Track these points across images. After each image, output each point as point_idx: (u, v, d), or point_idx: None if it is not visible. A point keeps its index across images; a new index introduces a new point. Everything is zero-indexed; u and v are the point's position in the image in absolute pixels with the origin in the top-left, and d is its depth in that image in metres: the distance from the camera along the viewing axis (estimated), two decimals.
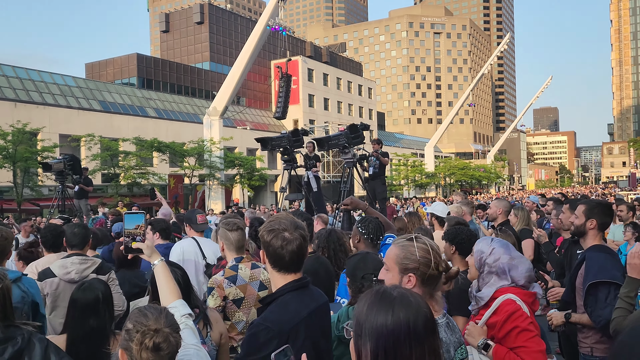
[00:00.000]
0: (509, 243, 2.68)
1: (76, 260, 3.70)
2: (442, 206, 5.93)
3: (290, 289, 2.04)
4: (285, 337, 1.92)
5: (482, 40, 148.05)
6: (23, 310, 3.18)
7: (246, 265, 3.33)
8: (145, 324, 1.79)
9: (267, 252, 2.07)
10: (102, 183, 32.82)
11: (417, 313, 1.38)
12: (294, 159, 11.32)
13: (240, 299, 3.20)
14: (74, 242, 3.96)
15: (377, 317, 1.38)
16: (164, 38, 65.19)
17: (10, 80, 34.92)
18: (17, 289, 3.20)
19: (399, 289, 1.45)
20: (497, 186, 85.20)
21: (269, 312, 2.01)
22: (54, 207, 12.90)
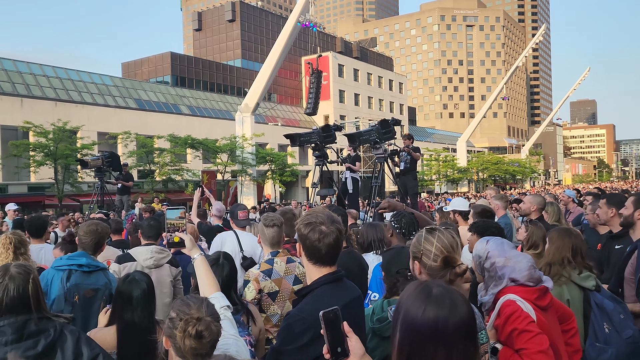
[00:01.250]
0: (504, 241, 2.59)
1: (156, 249, 4.09)
2: (462, 201, 5.90)
3: (325, 282, 2.09)
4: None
5: (516, 32, 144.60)
6: (104, 293, 3.55)
7: (282, 259, 3.41)
8: (187, 313, 1.88)
9: (304, 245, 2.12)
10: (138, 179, 33.64)
11: (450, 315, 1.36)
12: (325, 155, 11.36)
13: (275, 292, 3.29)
14: (149, 234, 4.35)
15: (410, 309, 1.39)
16: (197, 36, 66.17)
17: (51, 80, 36.11)
18: (104, 276, 3.63)
19: (441, 286, 1.44)
20: (532, 181, 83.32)
21: (304, 303, 2.07)
22: (93, 203, 13.33)
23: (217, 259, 2.90)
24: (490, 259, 2.52)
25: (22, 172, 29.64)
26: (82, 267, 3.53)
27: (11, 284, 2.28)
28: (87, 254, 3.66)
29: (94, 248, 3.76)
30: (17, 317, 2.25)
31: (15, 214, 9.91)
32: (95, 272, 3.61)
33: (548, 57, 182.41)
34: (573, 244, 3.34)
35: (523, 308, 2.37)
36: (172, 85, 48.85)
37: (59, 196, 27.96)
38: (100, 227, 3.82)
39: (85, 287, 3.50)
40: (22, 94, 33.09)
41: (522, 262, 2.50)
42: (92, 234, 3.73)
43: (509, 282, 2.48)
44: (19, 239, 3.81)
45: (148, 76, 51.89)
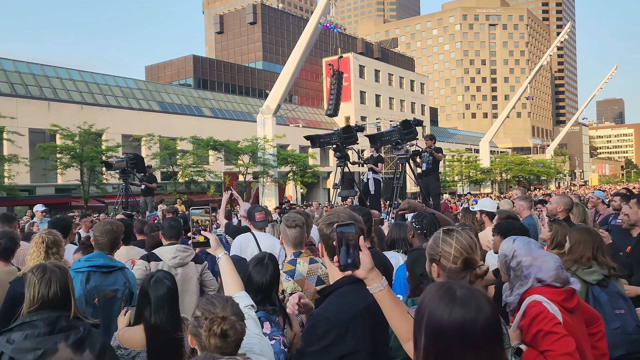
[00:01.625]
0: (531, 241, 2.55)
1: (181, 247, 4.18)
2: (489, 202, 5.88)
3: (348, 281, 2.06)
4: (345, 327, 1.95)
5: (540, 31, 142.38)
6: (124, 293, 3.59)
7: (304, 260, 3.41)
8: (212, 312, 1.90)
9: (327, 245, 2.11)
10: (162, 181, 34.10)
11: (477, 317, 1.34)
12: (346, 156, 11.34)
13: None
14: (171, 234, 4.40)
15: (435, 312, 1.37)
16: (219, 39, 66.82)
17: (77, 84, 36.87)
18: (122, 276, 3.66)
19: (465, 288, 1.42)
20: (557, 182, 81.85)
21: (327, 303, 2.06)
22: (118, 204, 13.54)
23: (262, 259, 2.91)
24: (517, 258, 2.48)
25: (49, 174, 30.31)
26: (101, 267, 3.56)
27: (53, 280, 2.45)
28: (105, 254, 3.69)
29: (110, 247, 3.79)
30: (51, 313, 2.40)
31: (43, 214, 10.13)
32: (114, 272, 3.64)
33: (573, 56, 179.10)
34: (594, 241, 3.45)
35: (549, 309, 2.32)
36: (194, 87, 49.41)
37: (85, 197, 28.50)
38: (115, 226, 3.85)
39: (105, 288, 3.52)
40: (50, 98, 33.85)
41: (549, 262, 2.45)
42: (108, 234, 3.76)
43: (535, 282, 2.43)
44: (52, 239, 3.80)
45: (171, 79, 52.58)
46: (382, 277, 1.90)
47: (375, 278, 1.88)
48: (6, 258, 3.97)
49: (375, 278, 1.88)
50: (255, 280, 2.81)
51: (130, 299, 3.66)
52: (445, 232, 2.19)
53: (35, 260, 3.66)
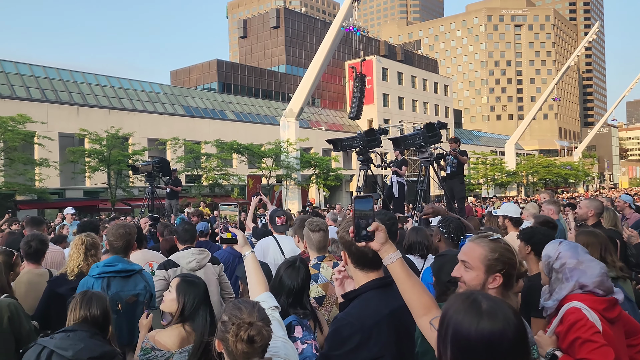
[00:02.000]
0: (578, 245, 2.51)
1: (195, 251, 4.17)
2: (513, 207, 5.77)
3: (372, 287, 2.07)
4: (368, 332, 1.95)
5: (567, 31, 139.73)
6: (145, 297, 3.62)
7: (328, 264, 3.41)
8: (240, 317, 1.91)
9: (350, 251, 2.10)
10: (186, 184, 34.52)
11: (504, 330, 1.31)
12: (369, 159, 11.32)
13: (322, 297, 3.28)
14: (185, 238, 4.41)
15: (461, 325, 1.34)
16: (242, 43, 67.43)
17: (105, 89, 37.64)
18: (141, 279, 3.67)
19: (491, 299, 1.39)
20: (586, 185, 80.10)
21: (351, 307, 2.06)
22: (144, 207, 13.75)
23: (293, 262, 2.91)
24: (561, 259, 2.44)
25: (78, 178, 30.97)
26: (120, 272, 3.57)
27: (90, 304, 2.67)
28: (122, 259, 3.69)
29: (125, 250, 3.79)
30: (91, 329, 2.64)
31: (73, 217, 10.34)
32: (132, 275, 3.64)
33: (602, 56, 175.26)
34: (601, 243, 3.38)
35: (589, 317, 2.26)
36: (218, 91, 49.93)
37: (112, 200, 29.03)
38: (128, 229, 3.86)
39: (127, 293, 3.54)
40: (78, 103, 34.63)
41: (595, 268, 2.39)
42: (123, 237, 3.75)
43: (576, 287, 2.38)
44: (91, 242, 3.92)
45: (195, 83, 53.25)
46: (396, 250, 1.91)
47: (389, 249, 1.89)
48: (37, 260, 4.06)
49: (388, 249, 1.89)
50: (287, 283, 2.81)
51: (150, 301, 3.69)
52: (498, 240, 2.09)
53: (75, 262, 3.79)
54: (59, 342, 2.50)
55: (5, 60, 34.08)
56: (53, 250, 4.82)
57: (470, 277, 2.02)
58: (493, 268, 1.99)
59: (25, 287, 3.90)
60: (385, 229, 1.90)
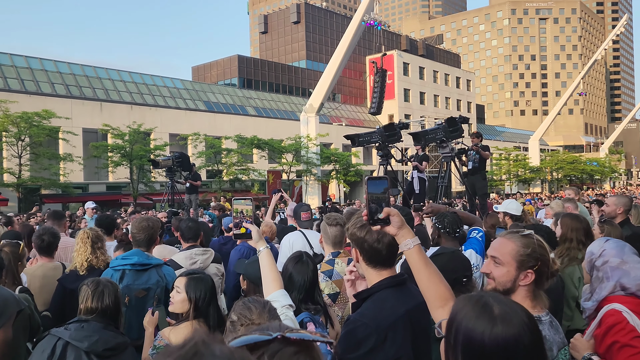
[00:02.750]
0: (626, 245, 2.38)
1: (199, 251, 4.06)
2: (514, 204, 5.68)
3: (387, 285, 1.97)
4: (384, 334, 1.86)
5: (594, 24, 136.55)
6: (156, 292, 3.57)
7: (343, 260, 3.34)
8: (249, 318, 1.87)
9: (362, 248, 2.00)
10: (207, 179, 34.77)
11: (520, 335, 1.24)
12: (388, 154, 11.16)
13: (336, 293, 3.22)
14: (189, 236, 4.26)
15: (474, 331, 1.26)
16: (263, 39, 67.56)
17: (128, 85, 38.10)
18: (156, 274, 3.62)
19: (503, 302, 1.31)
20: (612, 181, 78.35)
21: (365, 308, 1.96)
22: (164, 202, 13.83)
23: (300, 257, 2.84)
24: (604, 257, 2.32)
25: (101, 172, 31.45)
26: (135, 266, 3.54)
27: (106, 293, 2.71)
28: (141, 252, 3.66)
29: (147, 244, 3.75)
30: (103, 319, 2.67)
31: (94, 211, 10.45)
32: (148, 270, 3.60)
33: (630, 50, 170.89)
34: (584, 228, 3.72)
35: (629, 320, 2.13)
36: (239, 87, 50.15)
37: (134, 195, 29.41)
38: (151, 222, 3.82)
39: (136, 287, 3.50)
40: (102, 99, 35.12)
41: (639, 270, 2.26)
42: (145, 230, 3.72)
43: (617, 288, 2.25)
44: (95, 234, 3.92)
45: (216, 79, 53.57)
46: (413, 235, 1.82)
47: (406, 235, 1.80)
48: (50, 254, 4.07)
49: (406, 235, 1.80)
50: (297, 279, 2.75)
51: (167, 295, 3.60)
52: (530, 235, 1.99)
53: (83, 256, 3.78)
54: (74, 334, 2.52)
55: (31, 56, 34.73)
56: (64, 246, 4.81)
57: (500, 273, 1.92)
58: (525, 264, 1.90)
59: (40, 281, 3.91)
60: (399, 213, 1.81)
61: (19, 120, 24.84)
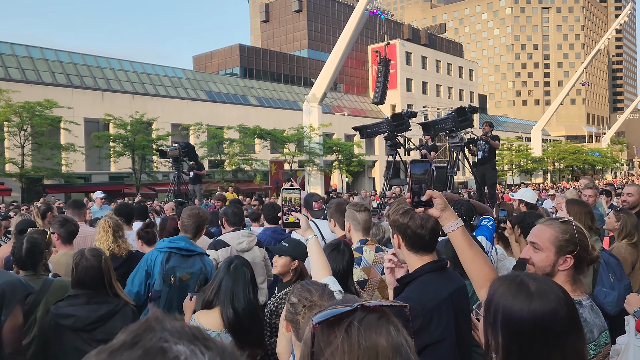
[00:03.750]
0: None
1: (245, 233, 4.38)
2: (530, 192, 5.74)
3: (429, 270, 2.01)
4: (429, 315, 1.89)
5: (597, 13, 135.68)
6: (198, 278, 3.71)
7: (371, 248, 3.37)
8: (310, 300, 1.92)
9: (405, 234, 2.03)
10: (209, 169, 34.73)
11: (557, 309, 1.28)
12: (397, 144, 11.11)
13: (364, 280, 3.25)
14: (234, 221, 4.56)
15: (512, 308, 1.30)
16: (264, 28, 67.15)
17: (129, 75, 37.92)
18: (199, 261, 3.78)
19: (537, 280, 1.36)
20: (614, 172, 78.29)
21: (409, 291, 1.99)
22: (170, 192, 13.80)
23: (337, 245, 2.90)
24: None
25: (103, 162, 31.41)
26: (181, 250, 3.68)
27: (86, 263, 2.85)
28: (187, 238, 3.81)
29: (195, 232, 3.90)
30: (90, 290, 2.87)
31: (103, 201, 10.42)
32: (192, 256, 3.74)
33: (633, 39, 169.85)
34: (589, 212, 3.85)
35: None
36: (240, 76, 49.92)
37: (137, 185, 29.38)
38: (201, 212, 4.00)
39: (182, 270, 3.63)
40: (103, 88, 34.98)
41: None
42: (194, 218, 3.89)
43: None
44: (116, 223, 4.13)
45: (218, 68, 53.31)
46: (457, 217, 1.87)
47: (450, 217, 1.85)
48: (70, 241, 4.17)
49: (449, 217, 1.85)
50: (332, 267, 2.75)
51: (205, 283, 3.73)
52: (569, 222, 2.05)
53: (105, 244, 3.98)
54: (60, 311, 2.83)
55: (32, 46, 34.55)
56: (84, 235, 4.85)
57: (540, 259, 1.97)
58: (564, 249, 1.95)
59: (65, 269, 3.99)
60: (441, 195, 1.85)
61: (21, 110, 24.77)
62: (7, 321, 2.58)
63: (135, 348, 0.57)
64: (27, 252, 3.20)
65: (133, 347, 0.57)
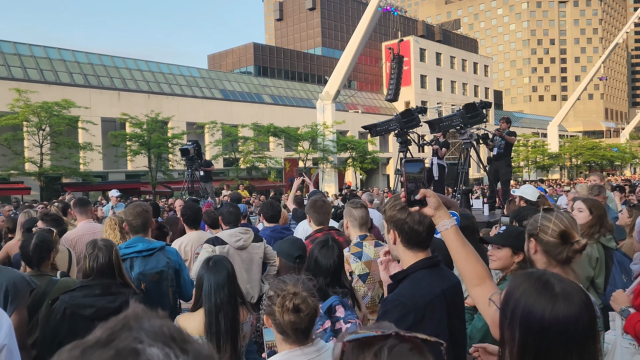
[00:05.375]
0: None
1: (242, 230, 4.30)
2: (531, 189, 5.67)
3: (422, 266, 2.01)
4: (421, 312, 1.90)
5: (615, 6, 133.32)
6: (168, 273, 3.68)
7: (370, 242, 3.43)
8: (284, 289, 1.96)
9: (402, 229, 2.04)
10: (224, 167, 34.95)
11: (580, 314, 1.25)
12: (407, 141, 11.12)
13: (366, 274, 3.30)
14: (229, 220, 4.51)
15: (534, 307, 1.28)
16: (278, 26, 67.26)
17: (145, 74, 38.33)
18: (163, 256, 3.72)
19: (563, 281, 1.33)
20: (633, 167, 76.96)
21: (402, 288, 2.00)
22: (184, 190, 13.96)
23: (326, 242, 2.88)
24: None
25: (120, 161, 31.81)
26: (141, 252, 3.60)
27: (100, 254, 2.91)
28: (142, 238, 3.72)
29: (144, 229, 3.79)
30: (104, 280, 2.92)
31: (118, 200, 10.60)
32: (154, 253, 3.66)
33: None
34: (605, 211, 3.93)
35: None
36: (255, 75, 50.11)
37: (153, 183, 29.72)
38: (145, 207, 3.89)
39: (149, 272, 3.57)
40: (119, 88, 35.42)
41: None
42: (142, 215, 3.76)
43: None
44: (122, 220, 4.10)
45: (232, 67, 53.57)
46: (450, 216, 1.89)
47: (443, 216, 1.87)
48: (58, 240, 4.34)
49: (443, 216, 1.87)
50: (323, 263, 2.79)
51: (178, 274, 3.75)
52: (545, 210, 2.21)
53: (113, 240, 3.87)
54: (78, 301, 2.88)
55: (50, 46, 35.10)
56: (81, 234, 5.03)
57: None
58: (530, 234, 2.16)
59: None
60: (435, 194, 1.88)
61: (40, 110, 25.19)
62: (11, 317, 2.53)
63: (109, 347, 0.56)
64: (35, 247, 3.21)
65: (106, 346, 0.56)
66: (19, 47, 33.20)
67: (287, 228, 5.23)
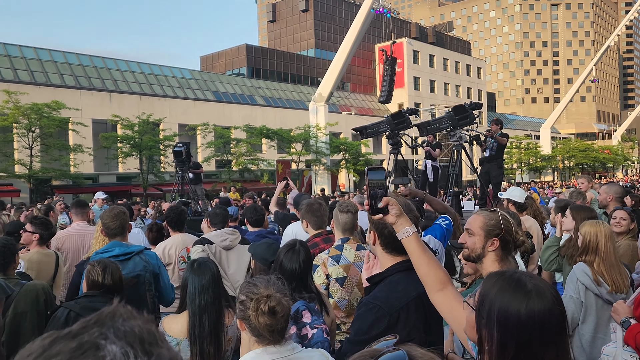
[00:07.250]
0: None
1: (229, 231, 4.38)
2: (518, 191, 5.71)
3: (399, 269, 2.01)
4: (396, 315, 1.89)
5: (607, 9, 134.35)
6: (145, 277, 3.65)
7: (352, 246, 3.39)
8: (257, 292, 1.94)
9: (381, 233, 2.06)
10: (216, 169, 34.81)
11: (553, 308, 1.31)
12: (398, 143, 11.03)
13: (343, 277, 3.27)
14: (216, 221, 4.56)
15: (510, 304, 1.32)
16: (271, 28, 67.24)
17: (136, 76, 38.13)
18: (140, 260, 3.69)
19: (533, 278, 1.38)
20: (625, 169, 77.49)
21: (377, 291, 1.99)
22: (174, 192, 13.81)
23: (293, 245, 2.85)
24: None
25: (111, 163, 31.61)
26: (118, 257, 3.56)
27: (108, 272, 2.96)
28: (119, 242, 3.69)
29: (122, 232, 3.77)
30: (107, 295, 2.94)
31: (104, 202, 10.46)
32: (131, 257, 3.64)
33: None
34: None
35: None
36: (247, 76, 50.01)
37: (144, 185, 29.54)
38: (120, 209, 3.89)
39: (126, 277, 3.51)
40: (111, 89, 35.20)
41: None
42: (119, 218, 3.73)
43: None
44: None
45: (225, 68, 53.44)
46: (411, 224, 1.90)
47: (404, 223, 1.89)
48: (45, 243, 4.31)
49: (403, 223, 1.89)
50: (287, 267, 2.73)
51: (157, 278, 3.73)
52: (496, 211, 2.31)
53: (101, 244, 3.99)
54: (85, 305, 2.86)
55: (40, 47, 34.85)
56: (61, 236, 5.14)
57: (472, 242, 2.20)
58: (491, 233, 2.18)
59: (37, 266, 4.15)
60: (397, 202, 1.88)
61: (30, 111, 24.98)
62: None
63: (74, 340, 0.56)
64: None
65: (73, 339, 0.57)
66: (9, 48, 32.93)
67: (271, 232, 5.16)
